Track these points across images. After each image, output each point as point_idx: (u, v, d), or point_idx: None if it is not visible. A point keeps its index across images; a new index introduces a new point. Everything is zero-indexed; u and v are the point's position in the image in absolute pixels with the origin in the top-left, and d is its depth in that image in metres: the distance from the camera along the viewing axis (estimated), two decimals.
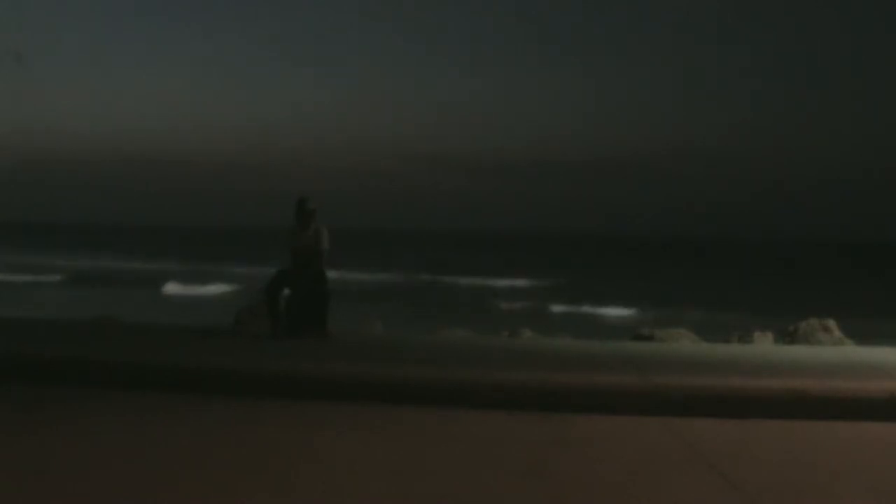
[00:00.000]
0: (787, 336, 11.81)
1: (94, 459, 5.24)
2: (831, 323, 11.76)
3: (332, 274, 10.13)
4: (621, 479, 5.01)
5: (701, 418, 6.63)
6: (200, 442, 5.78)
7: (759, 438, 6.10)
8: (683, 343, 11.15)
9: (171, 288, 43.17)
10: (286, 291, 9.94)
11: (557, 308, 35.75)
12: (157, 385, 7.40)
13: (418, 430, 6.22)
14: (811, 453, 5.71)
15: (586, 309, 34.69)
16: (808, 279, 54.90)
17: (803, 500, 4.69)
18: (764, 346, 11.22)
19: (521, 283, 50.48)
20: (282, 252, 10.11)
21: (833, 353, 9.40)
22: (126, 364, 7.79)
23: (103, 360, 7.90)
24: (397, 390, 7.15)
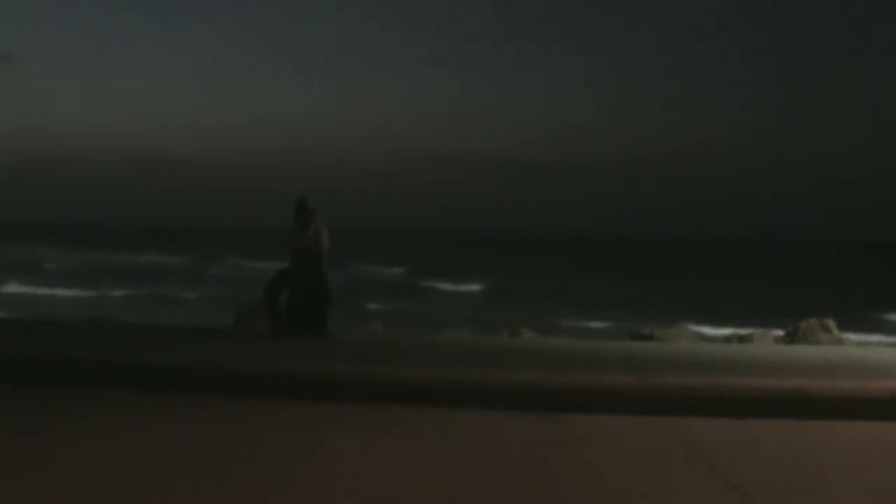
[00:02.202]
0: (787, 336, 11.82)
1: (94, 459, 5.24)
2: (831, 323, 11.77)
3: None
4: (621, 479, 5.02)
5: (701, 418, 6.63)
6: (200, 442, 5.78)
7: (759, 438, 6.10)
8: (683, 343, 11.16)
9: (12, 287, 42.68)
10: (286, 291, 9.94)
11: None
12: (157, 385, 7.39)
13: (418, 430, 6.22)
14: (811, 453, 5.71)
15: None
16: (808, 279, 54.91)
17: (803, 499, 4.69)
18: (764, 346, 11.22)
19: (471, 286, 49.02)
20: (282, 252, 10.11)
21: (833, 353, 9.40)
22: (126, 364, 7.79)
23: (103, 360, 7.89)
24: (397, 390, 7.15)
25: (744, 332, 12.91)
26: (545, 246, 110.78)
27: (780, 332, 12.24)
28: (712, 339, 13.53)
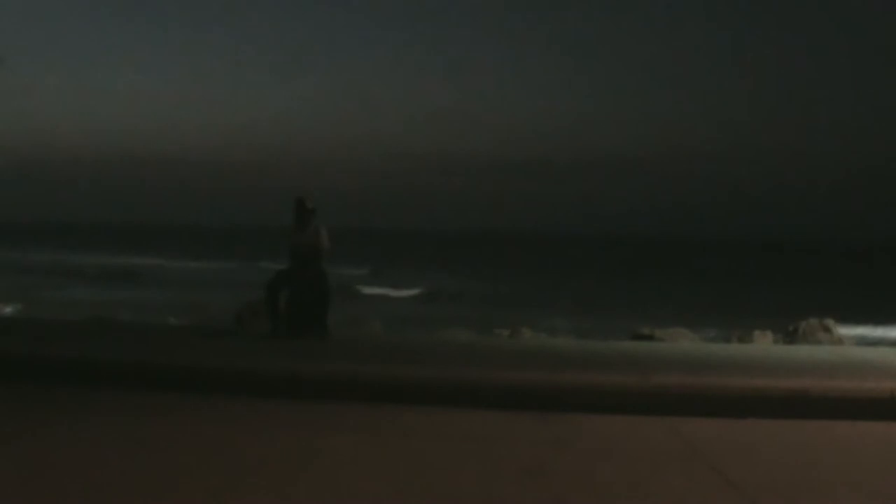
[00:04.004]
0: (787, 336, 11.82)
1: (94, 459, 5.24)
2: (831, 323, 11.77)
3: None
4: (621, 479, 5.02)
5: (701, 418, 6.64)
6: (201, 442, 5.78)
7: (758, 438, 6.10)
8: (683, 343, 11.15)
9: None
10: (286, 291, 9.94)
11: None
12: (157, 385, 7.39)
13: (418, 430, 6.22)
14: (811, 453, 5.71)
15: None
16: (808, 279, 54.86)
17: (803, 499, 4.69)
18: (764, 346, 11.22)
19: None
20: (282, 252, 10.11)
21: (833, 353, 9.40)
22: (126, 364, 7.79)
23: (103, 360, 7.90)
24: (397, 390, 7.15)
25: (743, 332, 12.90)
26: (544, 246, 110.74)
27: (781, 332, 12.23)
28: (712, 339, 13.53)
